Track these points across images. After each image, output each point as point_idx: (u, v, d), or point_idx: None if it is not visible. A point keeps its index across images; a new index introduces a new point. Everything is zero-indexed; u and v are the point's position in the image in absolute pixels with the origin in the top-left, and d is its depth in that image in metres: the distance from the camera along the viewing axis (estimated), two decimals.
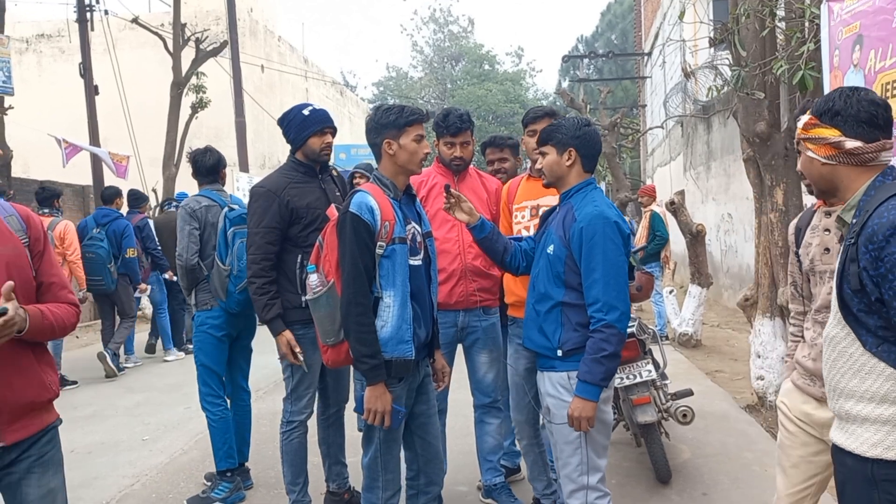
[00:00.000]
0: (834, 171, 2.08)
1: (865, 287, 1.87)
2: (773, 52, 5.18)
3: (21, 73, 18.42)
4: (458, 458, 4.48)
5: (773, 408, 5.50)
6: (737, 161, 10.87)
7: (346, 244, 2.76)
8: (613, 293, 2.65)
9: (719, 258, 12.92)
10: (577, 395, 2.68)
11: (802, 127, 2.13)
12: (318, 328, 2.93)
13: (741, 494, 4.12)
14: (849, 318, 1.95)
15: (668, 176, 18.59)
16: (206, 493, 4.23)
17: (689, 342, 8.73)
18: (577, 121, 2.92)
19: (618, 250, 2.69)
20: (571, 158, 2.87)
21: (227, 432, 4.26)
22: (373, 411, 2.77)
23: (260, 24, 24.43)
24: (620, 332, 2.64)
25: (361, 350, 2.74)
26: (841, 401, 2.01)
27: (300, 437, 3.77)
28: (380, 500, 2.95)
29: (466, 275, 3.77)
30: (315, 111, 3.70)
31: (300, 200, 3.59)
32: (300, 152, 3.70)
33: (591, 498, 2.78)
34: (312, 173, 3.72)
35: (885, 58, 3.41)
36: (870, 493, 1.96)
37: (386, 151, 2.88)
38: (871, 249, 1.84)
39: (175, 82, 14.51)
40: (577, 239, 2.73)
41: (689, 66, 8.14)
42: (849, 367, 1.97)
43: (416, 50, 48.22)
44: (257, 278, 3.56)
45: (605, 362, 2.63)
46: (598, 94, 18.35)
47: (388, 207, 2.81)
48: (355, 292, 2.74)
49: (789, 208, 5.25)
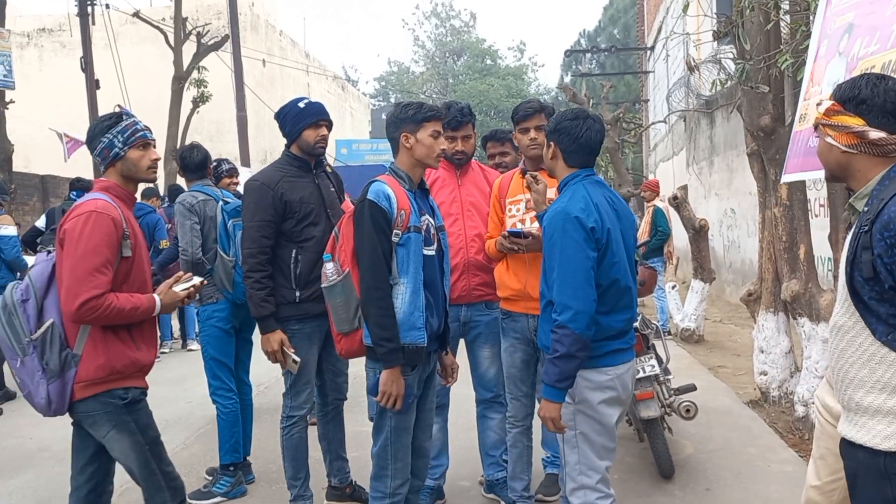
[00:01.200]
0: (851, 159, 2.03)
1: (879, 275, 1.85)
2: (777, 46, 5.14)
3: (22, 68, 18.40)
4: (460, 453, 4.46)
5: (776, 403, 5.49)
6: (740, 156, 10.85)
7: (365, 231, 2.82)
8: (569, 293, 2.55)
9: (722, 253, 12.90)
10: (542, 395, 2.65)
11: (824, 112, 2.06)
12: (333, 316, 2.99)
13: (744, 489, 4.11)
14: (859, 306, 1.93)
15: (670, 171, 18.56)
16: (207, 488, 4.23)
17: (692, 337, 8.71)
18: (561, 114, 2.85)
19: (577, 246, 2.58)
20: (552, 151, 2.84)
21: (235, 426, 4.29)
22: (387, 394, 2.83)
23: (261, 18, 24.39)
24: (574, 332, 2.52)
25: (381, 333, 2.80)
26: (849, 391, 1.98)
27: (300, 433, 3.74)
28: (388, 489, 2.98)
29: (469, 269, 3.75)
30: (310, 104, 3.69)
31: (293, 194, 3.57)
32: (295, 145, 3.69)
33: (590, 497, 2.74)
34: (307, 168, 3.70)
35: (870, 45, 3.35)
36: (883, 488, 1.93)
37: (403, 144, 2.96)
38: (887, 237, 1.82)
39: (176, 77, 14.50)
40: (544, 237, 2.73)
41: (693, 61, 8.09)
42: (858, 356, 1.95)
43: (418, 45, 48.22)
44: (254, 272, 3.53)
45: (557, 363, 2.55)
46: (601, 89, 18.28)
47: (403, 197, 2.89)
48: (375, 277, 2.80)
49: (793, 202, 5.22)
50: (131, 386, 2.73)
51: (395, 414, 2.92)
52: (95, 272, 2.57)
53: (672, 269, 10.11)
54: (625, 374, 2.77)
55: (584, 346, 2.56)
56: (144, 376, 2.81)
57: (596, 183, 2.80)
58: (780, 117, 5.32)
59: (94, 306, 2.56)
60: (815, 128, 2.14)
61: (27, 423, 5.71)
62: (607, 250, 2.65)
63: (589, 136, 2.76)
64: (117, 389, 2.69)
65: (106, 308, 2.58)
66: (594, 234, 2.60)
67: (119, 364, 2.67)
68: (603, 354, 2.69)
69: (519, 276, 3.45)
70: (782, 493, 4.03)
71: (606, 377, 2.70)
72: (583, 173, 2.80)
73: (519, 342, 3.55)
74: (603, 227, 2.64)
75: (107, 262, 2.61)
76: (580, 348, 2.55)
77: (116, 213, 2.67)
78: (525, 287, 3.41)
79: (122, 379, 2.70)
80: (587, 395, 2.69)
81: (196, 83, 15.32)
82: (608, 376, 2.71)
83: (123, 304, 2.63)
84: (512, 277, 3.49)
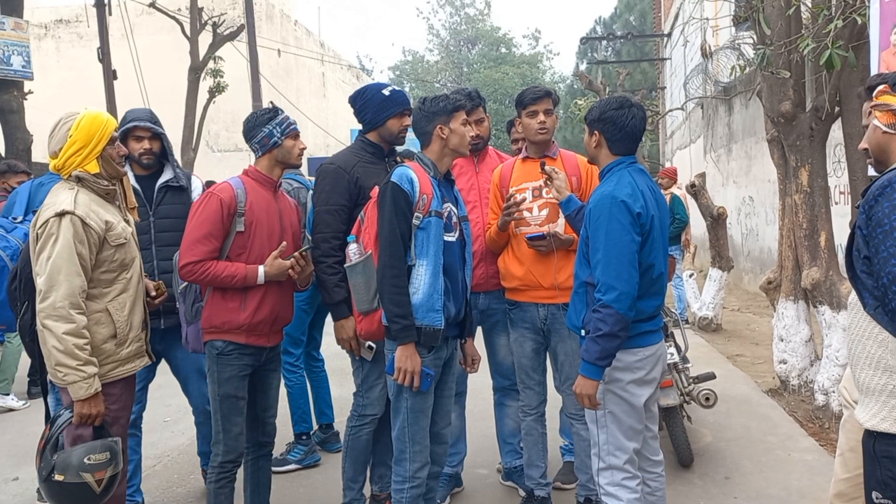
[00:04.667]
0: (891, 140, 2.02)
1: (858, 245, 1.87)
2: (798, 30, 5.07)
3: (40, 59, 18.52)
4: (477, 441, 4.47)
5: (795, 392, 5.45)
6: (758, 143, 10.73)
7: (385, 212, 2.91)
8: (613, 273, 2.63)
9: (740, 241, 12.79)
10: (580, 372, 2.71)
11: (875, 95, 2.08)
12: (354, 296, 3.08)
13: (764, 478, 4.09)
14: (855, 280, 1.94)
15: (688, 158, 18.40)
16: (283, 455, 4.47)
17: (710, 326, 8.65)
18: (607, 102, 2.90)
19: (623, 229, 2.65)
20: (597, 140, 2.88)
21: (302, 398, 4.64)
22: (403, 370, 2.89)
23: (276, 8, 24.38)
24: (617, 312, 2.60)
25: (394, 310, 2.87)
26: (857, 370, 1.98)
27: (369, 434, 3.50)
28: (408, 472, 3.01)
29: (487, 257, 3.73)
30: (395, 92, 3.55)
31: (368, 180, 3.39)
32: (375, 133, 3.54)
33: (617, 478, 2.80)
34: (381, 154, 3.56)
35: None
36: (874, 470, 1.92)
37: (439, 136, 3.03)
38: (865, 208, 1.86)
39: (192, 67, 14.53)
40: (587, 220, 2.78)
41: (710, 47, 8.00)
42: (860, 332, 1.96)
43: (433, 33, 48.02)
44: (327, 257, 3.37)
45: (599, 342, 2.62)
46: (617, 77, 18.15)
47: (427, 182, 2.96)
48: (391, 256, 2.88)
49: (814, 189, 5.16)
50: (229, 340, 3.11)
51: (412, 396, 2.95)
52: (197, 242, 3.03)
53: (690, 257, 10.04)
54: (654, 356, 2.84)
55: (626, 326, 2.65)
56: (250, 335, 3.14)
57: (639, 171, 2.88)
58: (801, 103, 5.25)
59: (192, 270, 3.02)
60: (867, 114, 2.15)
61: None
62: (649, 236, 2.73)
63: (634, 124, 2.84)
64: (216, 341, 3.12)
65: (202, 272, 3.02)
66: (640, 220, 2.69)
67: (217, 320, 3.11)
68: (633, 336, 2.74)
69: (526, 264, 3.48)
70: (803, 482, 4.01)
71: (636, 357, 2.78)
72: (626, 160, 2.87)
73: (528, 331, 3.57)
74: (648, 213, 2.72)
75: (209, 235, 3.03)
76: (622, 328, 2.63)
77: (228, 195, 3.07)
78: (533, 275, 3.45)
79: (221, 333, 3.11)
80: (617, 374, 2.77)
81: (212, 73, 15.36)
82: (637, 357, 2.78)
83: (219, 271, 3.03)
84: (519, 267, 3.51)
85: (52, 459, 2.66)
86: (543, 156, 3.56)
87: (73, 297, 2.64)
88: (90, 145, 2.76)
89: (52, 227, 2.65)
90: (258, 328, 3.15)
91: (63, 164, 2.76)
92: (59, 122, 2.80)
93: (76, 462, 2.63)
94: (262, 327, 3.17)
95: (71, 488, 2.64)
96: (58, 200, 2.70)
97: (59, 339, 2.60)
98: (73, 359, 2.61)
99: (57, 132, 2.77)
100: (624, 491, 2.79)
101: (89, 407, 2.68)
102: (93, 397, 2.67)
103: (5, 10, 11.08)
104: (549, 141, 3.60)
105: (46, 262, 2.63)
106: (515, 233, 3.52)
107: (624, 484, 2.79)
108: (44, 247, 2.66)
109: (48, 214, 2.67)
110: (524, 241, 3.45)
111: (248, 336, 3.14)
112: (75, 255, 2.65)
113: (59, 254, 2.63)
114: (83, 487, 2.64)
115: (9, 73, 10.76)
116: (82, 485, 2.63)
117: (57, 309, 2.61)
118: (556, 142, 3.71)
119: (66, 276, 2.63)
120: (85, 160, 2.76)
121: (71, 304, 2.63)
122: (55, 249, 2.63)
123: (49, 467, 2.65)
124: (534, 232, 3.45)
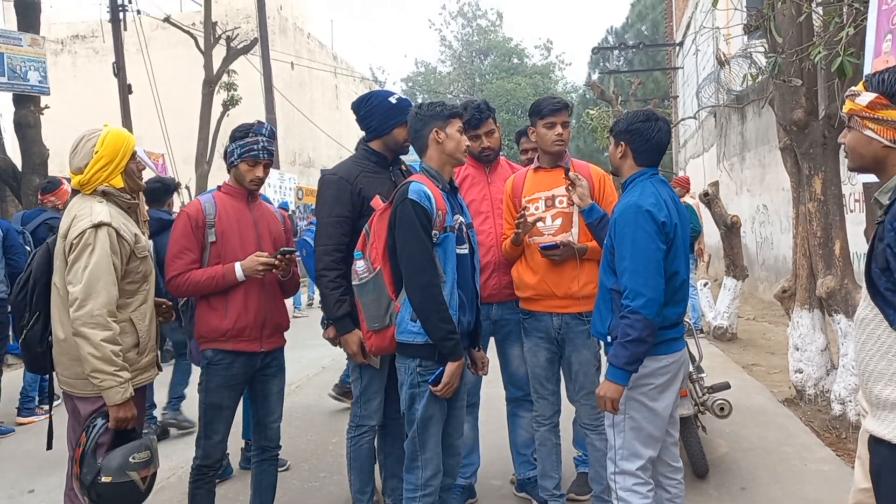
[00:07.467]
0: (890, 154, 2.00)
1: (890, 265, 1.83)
2: (810, 38, 5.05)
3: (56, 74, 18.74)
4: (491, 452, 4.45)
5: (812, 401, 5.40)
6: (772, 151, 10.68)
7: (411, 231, 2.87)
8: (640, 280, 2.67)
9: (754, 250, 12.71)
10: (606, 376, 2.74)
11: (867, 105, 2.01)
12: (364, 314, 3.04)
13: (781, 489, 4.05)
14: (876, 297, 1.91)
15: (701, 167, 18.33)
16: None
17: (725, 335, 8.60)
18: (634, 115, 2.96)
19: (648, 237, 2.71)
20: (622, 151, 2.93)
21: None
22: (451, 385, 2.90)
23: (289, 21, 24.57)
24: (646, 317, 2.65)
25: (446, 328, 2.86)
26: (870, 384, 1.95)
27: (369, 443, 3.50)
28: (420, 480, 2.99)
29: (500, 267, 3.73)
30: (402, 100, 3.48)
31: (371, 191, 3.30)
32: (379, 141, 3.46)
33: (629, 483, 2.83)
34: (385, 164, 3.48)
35: None
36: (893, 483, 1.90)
37: (434, 140, 3.02)
38: (894, 225, 1.81)
39: (206, 80, 14.66)
40: (613, 229, 2.83)
41: (724, 55, 7.99)
42: (877, 348, 1.93)
43: (445, 45, 48.12)
44: (329, 271, 3.30)
45: (629, 347, 2.66)
46: (629, 86, 18.13)
47: (440, 197, 2.95)
48: (432, 275, 2.87)
49: (828, 197, 5.13)
50: (217, 348, 3.19)
51: (426, 404, 2.94)
52: (174, 258, 3.16)
53: (704, 266, 9.99)
54: (677, 362, 2.87)
55: (654, 331, 2.69)
56: (237, 341, 3.19)
57: (661, 181, 2.93)
58: (814, 111, 5.23)
59: (176, 283, 3.15)
60: (848, 119, 2.09)
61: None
62: (673, 244, 2.78)
63: (660, 137, 2.91)
64: (207, 350, 3.21)
65: (185, 283, 3.14)
66: (664, 228, 2.74)
67: (204, 329, 3.21)
68: (658, 343, 2.77)
69: (539, 273, 3.49)
70: (820, 493, 3.97)
71: (660, 364, 2.81)
72: (649, 171, 2.93)
73: (542, 341, 3.57)
74: (671, 222, 2.78)
75: (184, 249, 3.16)
76: (650, 333, 2.67)
77: (195, 209, 3.19)
78: (547, 284, 3.46)
79: (209, 342, 3.20)
80: (641, 380, 2.79)
81: (226, 86, 15.49)
82: (661, 363, 2.81)
83: (199, 277, 3.14)
84: (533, 277, 3.51)
85: (96, 463, 2.72)
86: (557, 165, 3.58)
87: (111, 305, 2.74)
88: (115, 160, 2.84)
89: (90, 237, 2.72)
90: (244, 333, 3.20)
91: (89, 179, 2.82)
92: (81, 139, 2.85)
93: (122, 462, 2.72)
94: (248, 332, 3.21)
95: (120, 488, 2.72)
96: (92, 212, 2.76)
97: (96, 346, 2.67)
98: (111, 364, 2.69)
99: (81, 148, 2.83)
100: (635, 496, 2.81)
101: (125, 411, 2.76)
102: (127, 402, 2.76)
103: (22, 27, 11.23)
104: (564, 151, 3.62)
105: (83, 272, 2.70)
106: (529, 242, 3.52)
107: (635, 489, 2.82)
108: (79, 256, 2.71)
109: (84, 225, 2.73)
110: (538, 250, 3.46)
111: (236, 342, 3.19)
112: (112, 266, 2.74)
113: (98, 263, 2.71)
114: (130, 486, 2.73)
115: (26, 89, 10.91)
116: (129, 483, 2.72)
117: (95, 317, 2.68)
118: (569, 152, 3.71)
119: (105, 286, 2.72)
120: (111, 175, 2.84)
121: (108, 312, 2.72)
122: (93, 259, 2.71)
123: (94, 471, 2.71)
124: (547, 241, 3.46)
